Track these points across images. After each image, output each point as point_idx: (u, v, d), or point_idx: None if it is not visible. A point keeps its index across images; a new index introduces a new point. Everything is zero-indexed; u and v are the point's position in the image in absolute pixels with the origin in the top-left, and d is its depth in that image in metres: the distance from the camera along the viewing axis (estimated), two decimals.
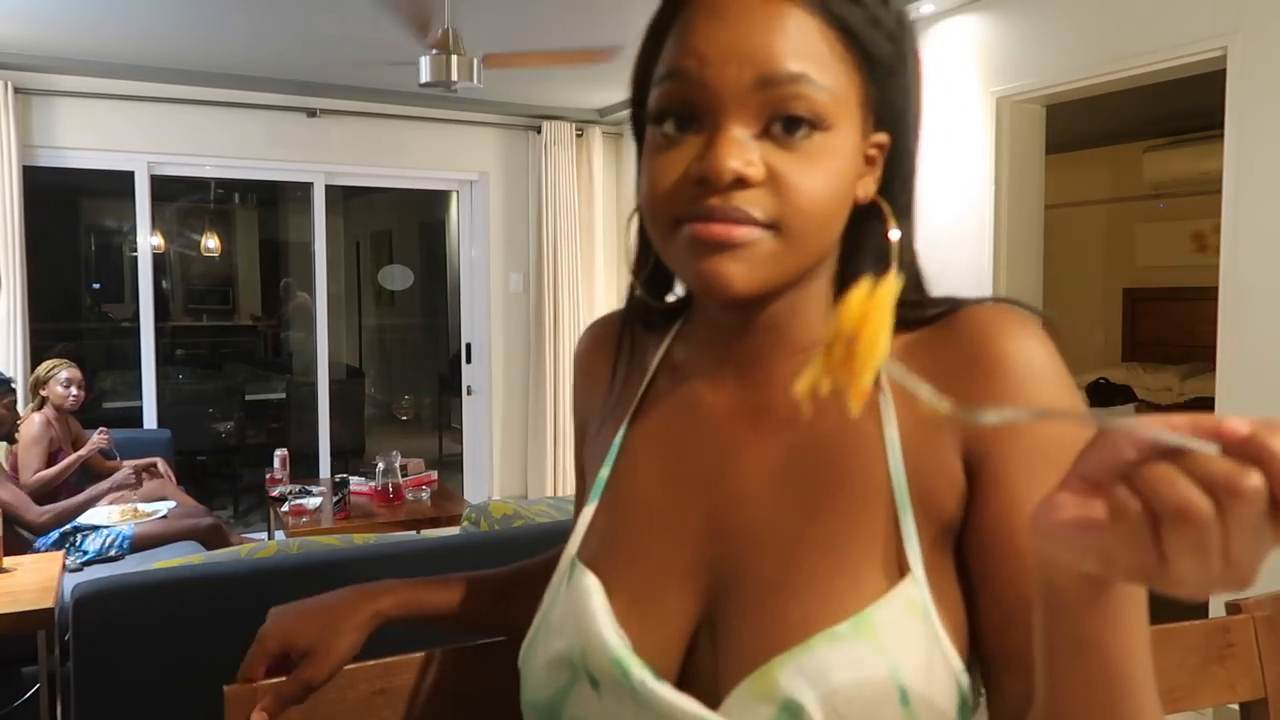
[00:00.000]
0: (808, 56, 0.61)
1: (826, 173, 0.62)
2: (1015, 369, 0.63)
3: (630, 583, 0.69)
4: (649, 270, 0.76)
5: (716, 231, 0.61)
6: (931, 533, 0.64)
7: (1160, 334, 6.60)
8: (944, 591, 0.63)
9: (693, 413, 0.73)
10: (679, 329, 0.79)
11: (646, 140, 0.67)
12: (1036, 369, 0.63)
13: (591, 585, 0.69)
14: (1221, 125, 2.94)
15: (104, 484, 3.67)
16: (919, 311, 0.69)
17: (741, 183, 0.61)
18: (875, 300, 0.47)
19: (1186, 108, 5.06)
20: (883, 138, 0.67)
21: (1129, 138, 6.30)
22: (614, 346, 0.81)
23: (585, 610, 0.68)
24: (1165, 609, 0.63)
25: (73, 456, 3.74)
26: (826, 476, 0.66)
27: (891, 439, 0.65)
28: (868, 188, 0.68)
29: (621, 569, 0.70)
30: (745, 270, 0.62)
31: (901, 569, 0.63)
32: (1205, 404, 4.63)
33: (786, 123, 0.61)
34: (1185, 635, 1.01)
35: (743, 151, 0.61)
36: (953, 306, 0.68)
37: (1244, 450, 0.38)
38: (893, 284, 0.47)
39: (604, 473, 0.76)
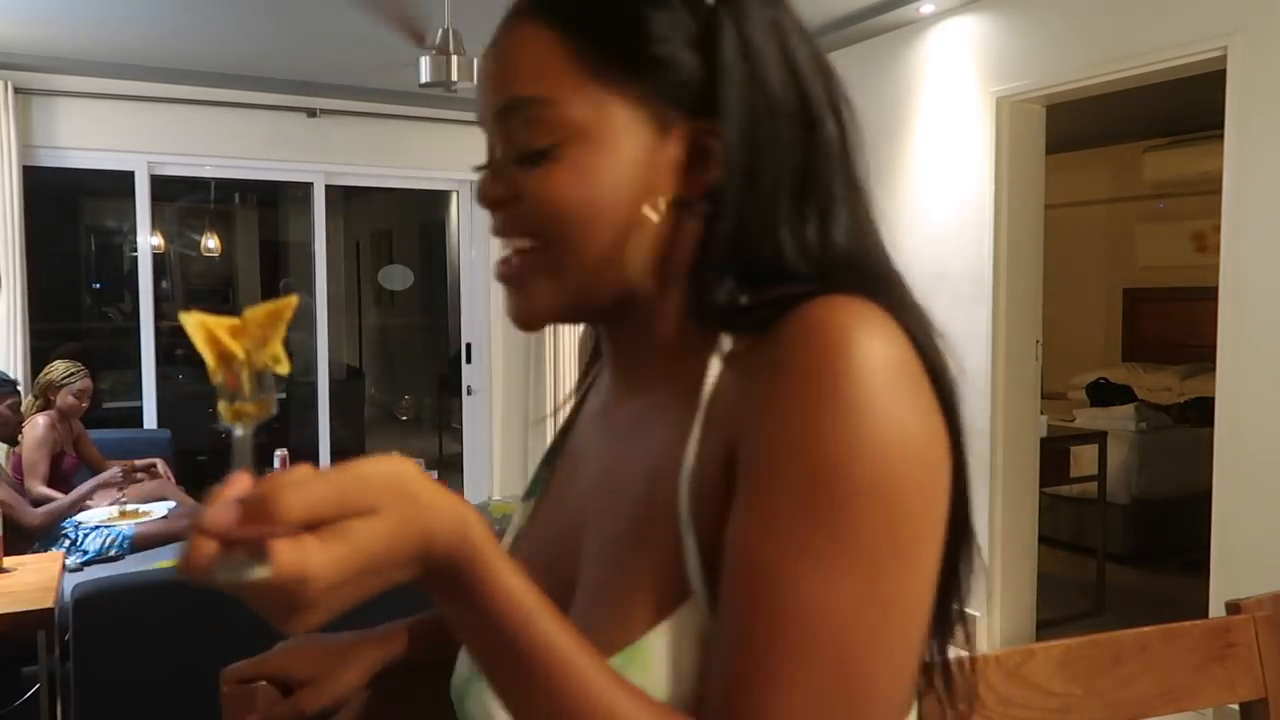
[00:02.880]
0: (540, 76, 0.61)
1: (581, 181, 0.61)
2: (794, 375, 0.53)
3: None
4: None
5: (498, 273, 0.66)
6: (713, 553, 0.57)
7: (1160, 334, 6.60)
8: None
9: (587, 414, 0.78)
10: None
11: None
12: (820, 378, 0.52)
13: None
14: (1221, 125, 2.94)
15: (87, 484, 3.62)
16: (762, 313, 0.59)
17: (499, 205, 0.64)
18: (217, 322, 0.52)
19: (1186, 108, 5.06)
20: (708, 126, 0.61)
21: (1129, 138, 6.30)
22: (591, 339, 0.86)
23: None
24: (1166, 610, 0.64)
25: (85, 489, 3.64)
26: (633, 493, 0.64)
27: (689, 452, 0.59)
28: (684, 187, 0.62)
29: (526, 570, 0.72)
30: (523, 303, 0.65)
31: (684, 592, 0.58)
32: (1205, 404, 4.63)
33: (531, 144, 0.62)
34: (1185, 635, 1.01)
35: (494, 177, 0.64)
36: (791, 304, 0.56)
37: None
38: (285, 301, 0.53)
39: (538, 471, 0.81)
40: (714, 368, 0.61)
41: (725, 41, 0.61)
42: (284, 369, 0.54)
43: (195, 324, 0.52)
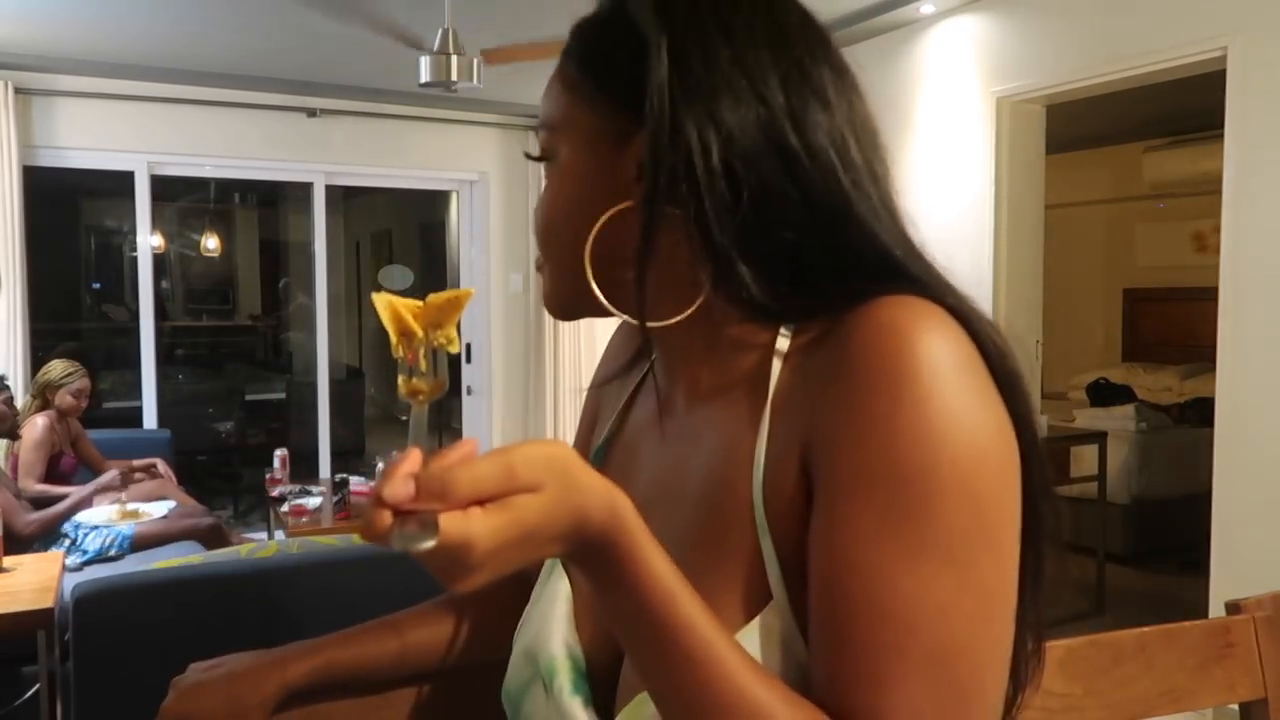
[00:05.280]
0: (548, 109, 0.69)
1: (549, 195, 0.69)
2: (870, 377, 0.55)
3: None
4: None
5: None
6: (791, 555, 0.58)
7: (1160, 334, 6.60)
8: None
9: (637, 419, 0.77)
10: None
11: None
12: (896, 380, 0.54)
13: (560, 591, 0.72)
14: (1221, 125, 2.94)
15: (87, 488, 3.61)
16: (812, 302, 0.61)
17: None
18: (399, 305, 0.58)
19: (1186, 108, 5.06)
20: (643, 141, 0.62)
21: (1129, 138, 6.30)
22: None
23: (549, 615, 0.71)
24: (1166, 610, 0.63)
25: (81, 494, 3.61)
26: (702, 492, 0.64)
27: (759, 455, 0.60)
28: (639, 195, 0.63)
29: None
30: (545, 292, 0.72)
31: (764, 596, 0.58)
32: (1205, 404, 4.63)
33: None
34: (1185, 635, 1.01)
35: None
36: (850, 300, 0.58)
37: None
38: (463, 292, 0.58)
39: None
40: (776, 368, 0.62)
41: (656, 54, 0.61)
42: (454, 349, 0.60)
43: (384, 303, 0.58)
